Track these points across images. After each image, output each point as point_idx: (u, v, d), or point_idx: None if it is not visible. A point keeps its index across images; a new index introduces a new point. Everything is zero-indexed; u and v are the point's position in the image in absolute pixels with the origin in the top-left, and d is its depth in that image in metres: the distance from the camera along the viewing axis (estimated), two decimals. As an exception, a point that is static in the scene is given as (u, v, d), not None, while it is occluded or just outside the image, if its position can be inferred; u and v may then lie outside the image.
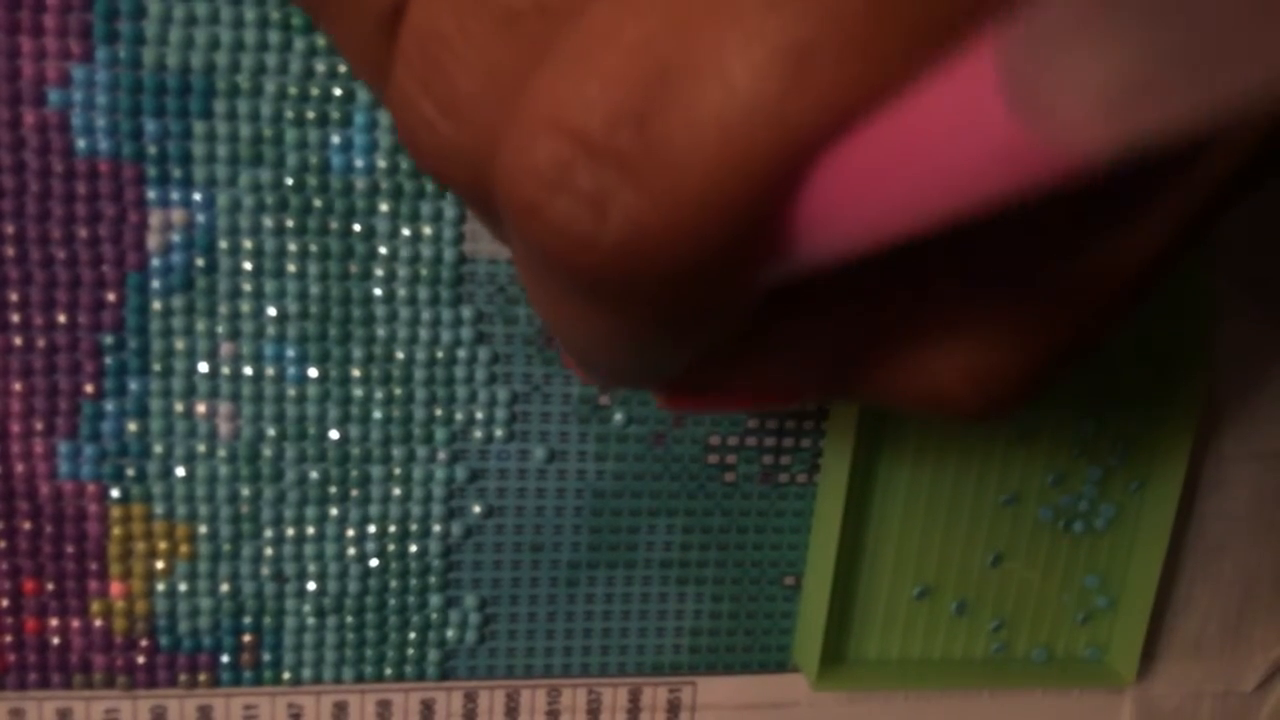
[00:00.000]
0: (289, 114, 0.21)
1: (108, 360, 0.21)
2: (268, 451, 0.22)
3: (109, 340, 0.21)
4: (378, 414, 0.22)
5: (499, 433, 0.23)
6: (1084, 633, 0.27)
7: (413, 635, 0.24)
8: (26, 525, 0.22)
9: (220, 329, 0.22)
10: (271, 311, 0.22)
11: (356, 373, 0.22)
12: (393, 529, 0.23)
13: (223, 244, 0.21)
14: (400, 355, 0.22)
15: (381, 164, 0.21)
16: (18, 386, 0.21)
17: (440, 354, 0.22)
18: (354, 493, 0.23)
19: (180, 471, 0.22)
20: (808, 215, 0.09)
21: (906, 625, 0.26)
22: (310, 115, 0.21)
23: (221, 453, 0.22)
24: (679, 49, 0.08)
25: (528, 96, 0.09)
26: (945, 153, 0.08)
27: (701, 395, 0.15)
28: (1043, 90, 0.07)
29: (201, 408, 0.22)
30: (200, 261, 0.21)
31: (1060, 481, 0.25)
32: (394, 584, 0.23)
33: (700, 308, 0.10)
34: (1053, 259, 0.12)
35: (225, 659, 0.23)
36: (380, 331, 0.22)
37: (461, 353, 0.22)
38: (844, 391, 0.14)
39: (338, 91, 0.21)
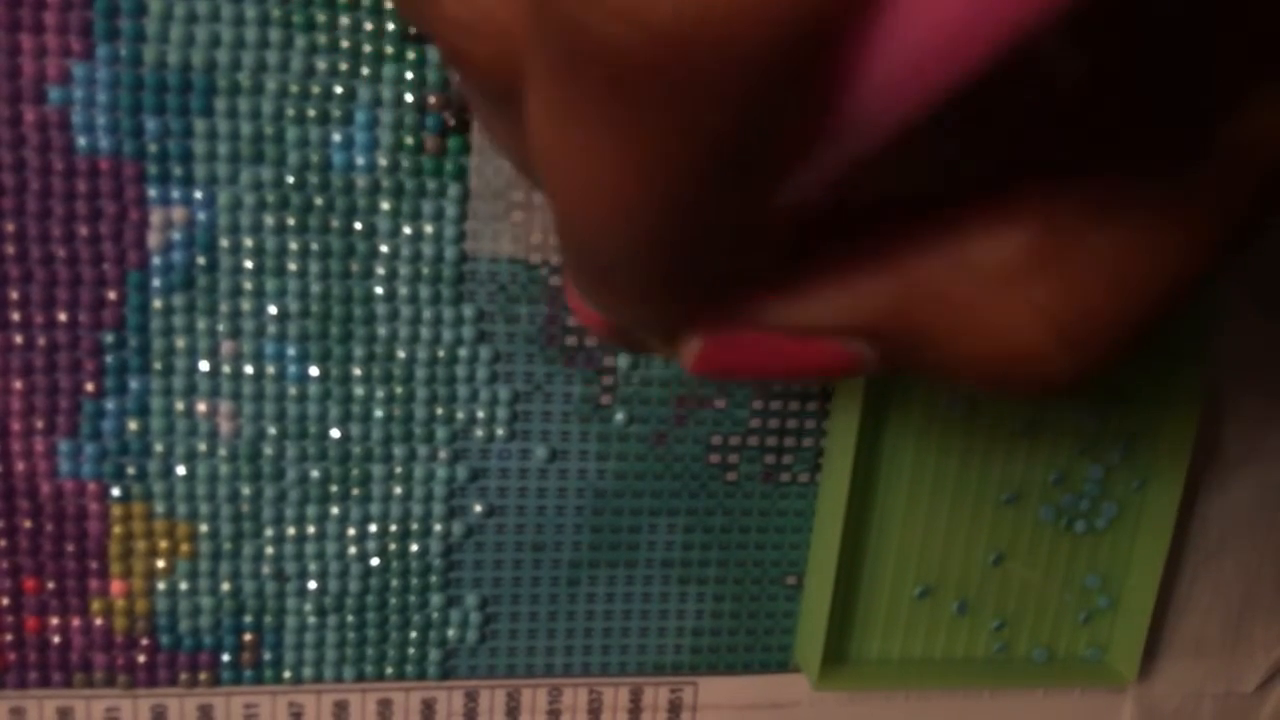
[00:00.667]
0: (290, 112, 0.21)
1: (108, 359, 0.21)
2: (268, 450, 0.22)
3: (109, 339, 0.21)
4: (379, 413, 0.22)
5: (500, 432, 0.23)
6: (1085, 632, 0.27)
7: (413, 634, 0.24)
8: (27, 524, 0.22)
9: (221, 327, 0.21)
10: (272, 310, 0.22)
11: (357, 371, 0.22)
12: (394, 528, 0.23)
13: (223, 242, 0.21)
14: (401, 354, 0.22)
15: (382, 162, 0.21)
16: (18, 385, 0.21)
17: (441, 353, 0.22)
18: (355, 492, 0.23)
19: (181, 470, 0.22)
20: (888, 36, 0.07)
21: (908, 625, 0.26)
22: (311, 113, 0.21)
23: (222, 451, 0.22)
24: None
25: None
26: None
27: (737, 347, 0.12)
28: None
29: (202, 406, 0.22)
30: (201, 260, 0.21)
31: (1062, 480, 0.25)
32: (395, 583, 0.23)
33: (749, 141, 0.08)
34: (1187, 127, 0.10)
35: (226, 658, 0.23)
36: (381, 330, 0.22)
37: (463, 351, 0.22)
38: (900, 351, 0.12)
39: (339, 89, 0.21)
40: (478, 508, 0.23)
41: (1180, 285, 0.10)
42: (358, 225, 0.21)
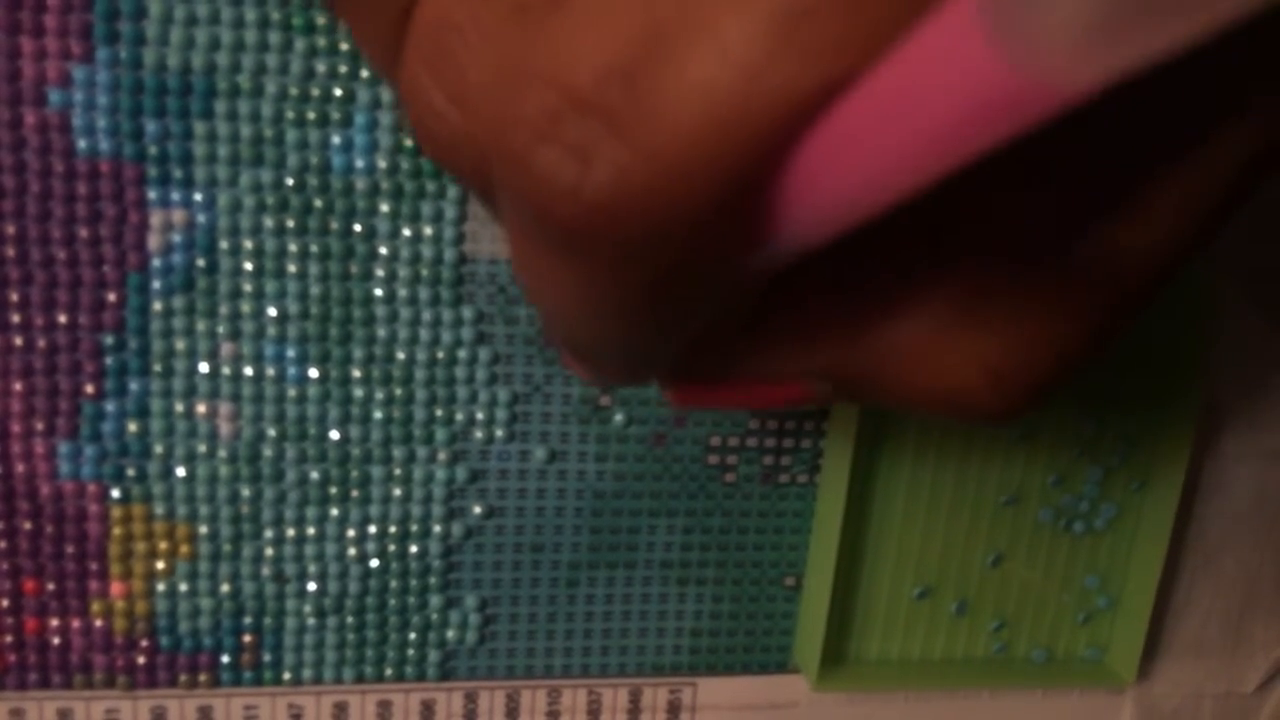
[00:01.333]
0: (289, 114, 0.21)
1: (108, 360, 0.21)
2: (268, 452, 0.22)
3: (110, 340, 0.21)
4: (378, 414, 0.22)
5: (499, 433, 0.23)
6: (1084, 633, 0.27)
7: (413, 636, 0.24)
8: (27, 525, 0.22)
9: (221, 329, 0.22)
10: (272, 312, 0.22)
11: (357, 373, 0.22)
12: (393, 529, 0.23)
13: (223, 244, 0.21)
14: (401, 355, 0.22)
15: (382, 164, 0.21)
16: (18, 386, 0.21)
17: (441, 354, 0.22)
18: (354, 493, 0.23)
19: (181, 472, 0.22)
20: (798, 183, 0.09)
21: (907, 626, 0.26)
22: (311, 115, 0.21)
23: (222, 453, 0.22)
24: (675, 9, 0.08)
25: (524, 53, 0.09)
26: (930, 100, 0.08)
27: (709, 389, 0.15)
28: (1023, 22, 0.07)
29: (202, 408, 0.22)
30: (201, 262, 0.21)
31: (1061, 482, 0.25)
32: (394, 584, 0.23)
33: (684, 277, 0.10)
34: (1075, 237, 0.12)
35: (225, 659, 0.23)
36: (381, 332, 0.22)
37: (462, 353, 0.23)
38: (855, 389, 0.14)
39: (338, 92, 0.21)
40: (477, 509, 0.23)
41: (1074, 354, 0.12)
42: (357, 227, 0.22)
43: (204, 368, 0.22)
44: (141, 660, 0.23)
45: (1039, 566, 0.26)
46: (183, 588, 0.23)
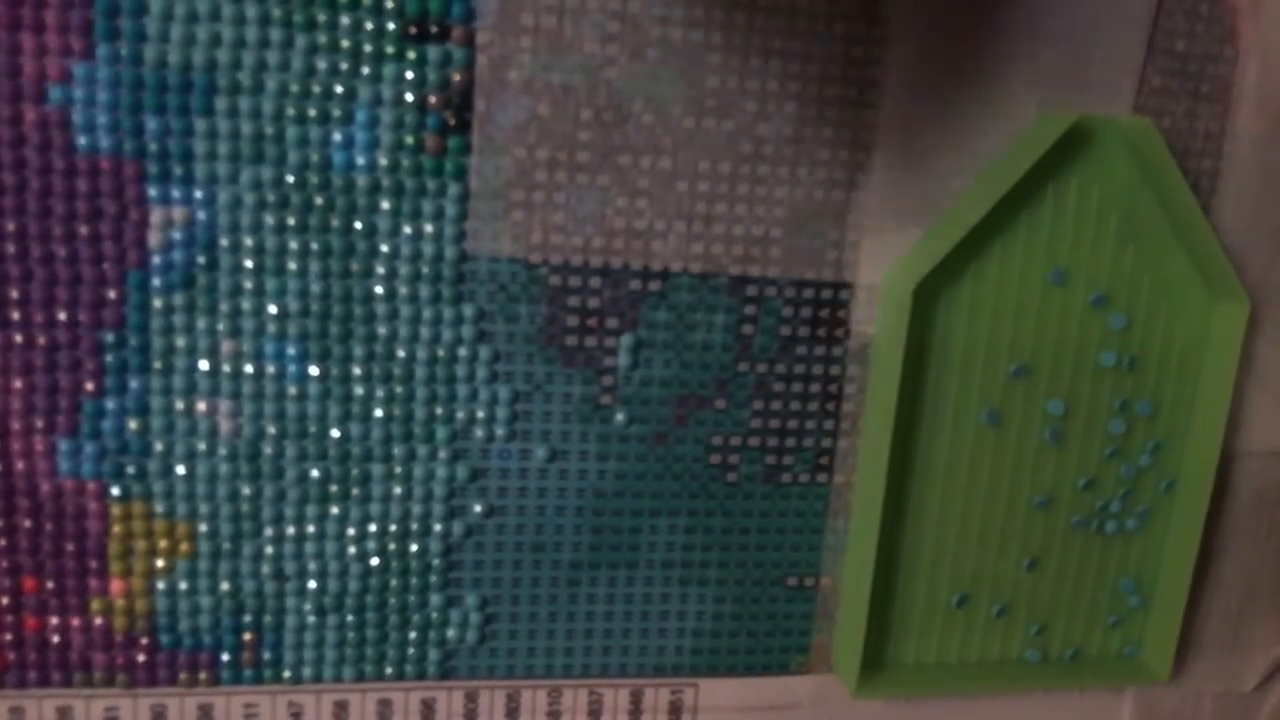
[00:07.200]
0: (290, 111, 0.21)
1: (108, 358, 0.21)
2: (268, 450, 0.22)
3: (110, 338, 0.21)
4: (378, 412, 0.22)
5: (500, 432, 0.23)
6: (1118, 632, 0.27)
7: (413, 634, 0.24)
8: (27, 523, 0.22)
9: (221, 327, 0.21)
10: (272, 309, 0.22)
11: (357, 371, 0.22)
12: (393, 528, 0.23)
13: (224, 241, 0.21)
14: (401, 354, 0.22)
15: (383, 162, 0.21)
16: (18, 384, 0.21)
17: (441, 352, 0.22)
18: (354, 491, 0.23)
19: (181, 470, 0.22)
20: None
21: (943, 630, 0.26)
22: (312, 113, 0.21)
23: (222, 451, 0.22)
24: None
25: None
26: None
27: None
28: None
29: (202, 406, 0.22)
30: (201, 259, 0.21)
31: (1092, 483, 0.25)
32: (394, 583, 0.23)
33: None
34: None
35: (225, 657, 0.23)
36: (381, 330, 0.22)
37: (462, 351, 0.22)
38: None
39: (339, 89, 0.21)
40: (477, 508, 0.23)
41: None
42: (358, 225, 0.21)
43: (204, 365, 0.22)
44: (141, 658, 0.23)
45: (1072, 568, 0.26)
46: (183, 586, 0.23)
